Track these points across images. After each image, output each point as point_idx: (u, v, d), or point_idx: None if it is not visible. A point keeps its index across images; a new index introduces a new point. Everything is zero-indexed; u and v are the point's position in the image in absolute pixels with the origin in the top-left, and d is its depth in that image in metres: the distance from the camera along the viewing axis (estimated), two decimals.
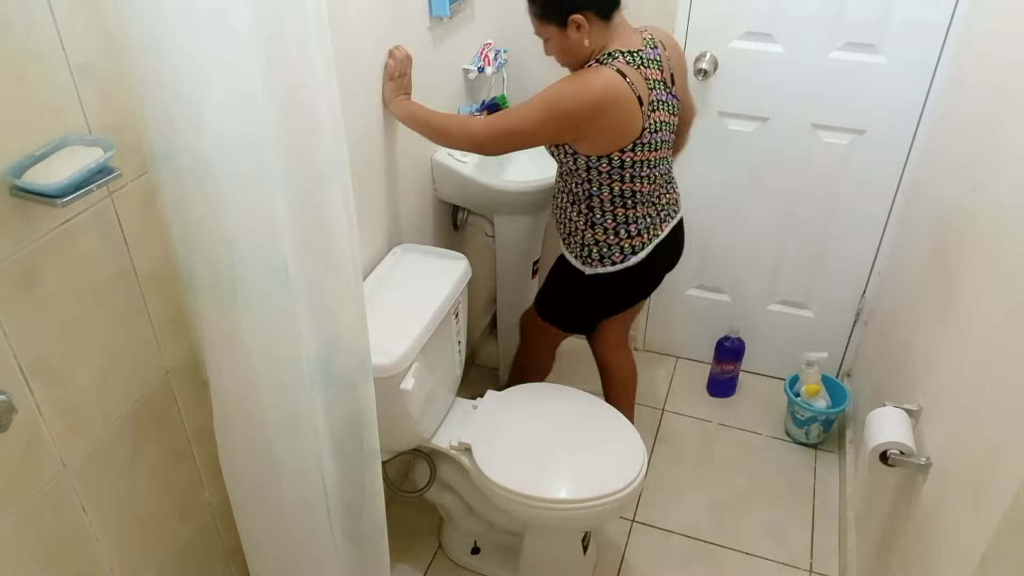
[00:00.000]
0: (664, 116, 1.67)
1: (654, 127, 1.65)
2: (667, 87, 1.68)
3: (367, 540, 1.43)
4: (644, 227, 1.78)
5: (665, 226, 1.83)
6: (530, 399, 1.90)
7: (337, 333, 1.18)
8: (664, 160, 1.75)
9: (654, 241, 1.81)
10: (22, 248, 0.95)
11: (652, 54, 1.65)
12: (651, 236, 1.81)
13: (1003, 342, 1.19)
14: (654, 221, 1.80)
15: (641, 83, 1.60)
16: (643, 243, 1.79)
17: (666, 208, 1.83)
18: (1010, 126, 1.38)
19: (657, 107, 1.64)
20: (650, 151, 1.67)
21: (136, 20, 0.87)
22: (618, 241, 1.77)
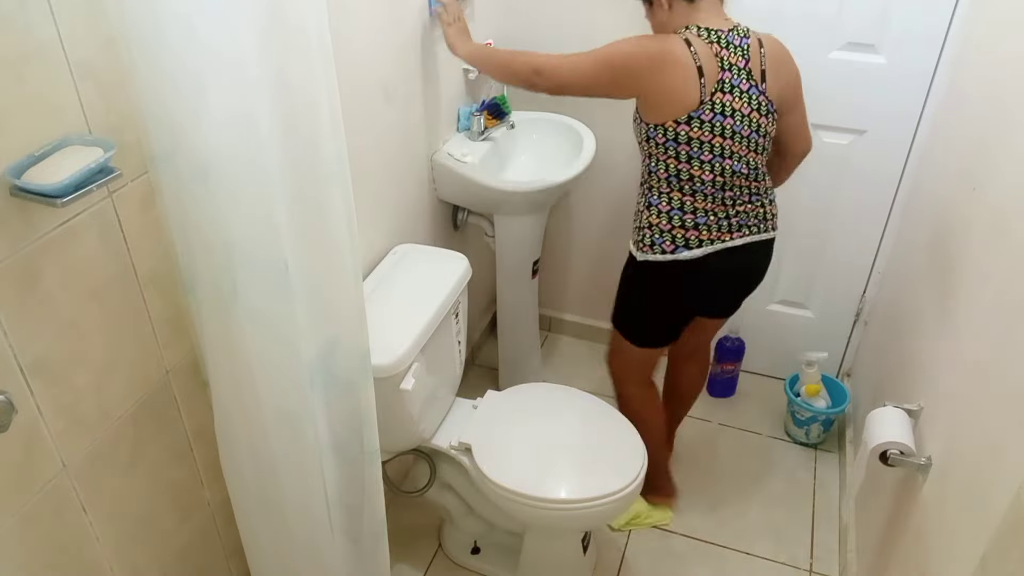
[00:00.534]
0: (739, 104, 1.60)
1: (720, 109, 1.59)
2: (751, 78, 1.61)
3: (367, 540, 1.43)
4: (704, 223, 1.68)
5: (737, 235, 1.71)
6: (530, 399, 1.90)
7: (337, 333, 1.18)
8: (741, 158, 1.64)
9: (716, 244, 1.70)
10: (22, 248, 0.95)
11: (736, 39, 1.61)
12: (712, 237, 1.69)
13: (1003, 342, 1.19)
14: (720, 222, 1.69)
15: (709, 57, 1.57)
16: (700, 240, 1.68)
17: (743, 216, 1.71)
18: (1010, 126, 1.38)
19: (728, 90, 1.59)
20: (713, 134, 1.60)
21: (135, 19, 0.87)
22: (670, 228, 1.69)
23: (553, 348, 2.78)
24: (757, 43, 1.64)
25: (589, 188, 2.45)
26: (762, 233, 1.77)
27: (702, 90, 1.58)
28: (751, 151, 1.66)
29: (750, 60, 1.62)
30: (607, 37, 2.20)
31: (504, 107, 2.15)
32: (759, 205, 1.75)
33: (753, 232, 1.75)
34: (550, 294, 2.75)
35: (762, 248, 1.80)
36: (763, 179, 1.74)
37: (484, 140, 2.11)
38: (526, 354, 2.46)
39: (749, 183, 1.70)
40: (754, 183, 1.72)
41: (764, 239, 1.78)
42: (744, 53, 1.61)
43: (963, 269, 1.48)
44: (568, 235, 2.61)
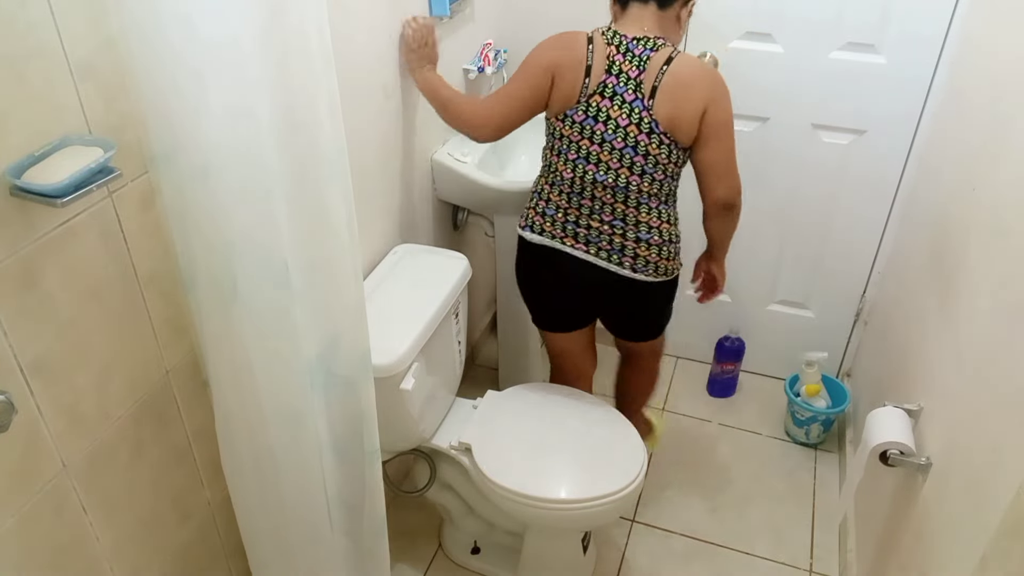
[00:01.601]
0: (616, 113, 1.56)
1: (595, 112, 1.57)
2: (639, 90, 1.55)
3: (367, 540, 1.43)
4: (551, 216, 1.69)
5: (580, 247, 1.68)
6: (530, 399, 1.90)
7: (337, 333, 1.18)
8: (609, 169, 1.59)
9: (555, 242, 1.70)
10: (22, 248, 0.95)
11: (637, 48, 1.56)
12: (555, 233, 1.70)
13: (1003, 342, 1.19)
14: (566, 224, 1.68)
15: (601, 58, 1.56)
16: (542, 229, 1.71)
17: (593, 233, 1.67)
18: (1010, 126, 1.38)
19: (609, 95, 1.56)
20: (582, 135, 1.59)
21: (136, 18, 0.87)
22: (530, 208, 1.75)
23: None
24: (663, 59, 1.55)
25: None
26: (612, 264, 1.69)
27: (583, 90, 1.58)
28: (623, 167, 1.59)
29: (644, 72, 1.55)
30: None
31: None
32: (619, 233, 1.66)
33: (601, 257, 1.69)
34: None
35: (620, 281, 1.71)
36: (639, 207, 1.64)
37: None
38: (526, 354, 2.46)
39: (614, 202, 1.63)
40: (621, 205, 1.63)
41: (618, 272, 1.69)
42: (641, 64, 1.55)
43: (963, 269, 1.48)
44: None
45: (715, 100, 1.55)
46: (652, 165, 1.59)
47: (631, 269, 1.69)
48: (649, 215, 1.66)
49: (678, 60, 1.55)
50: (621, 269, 1.70)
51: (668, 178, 1.64)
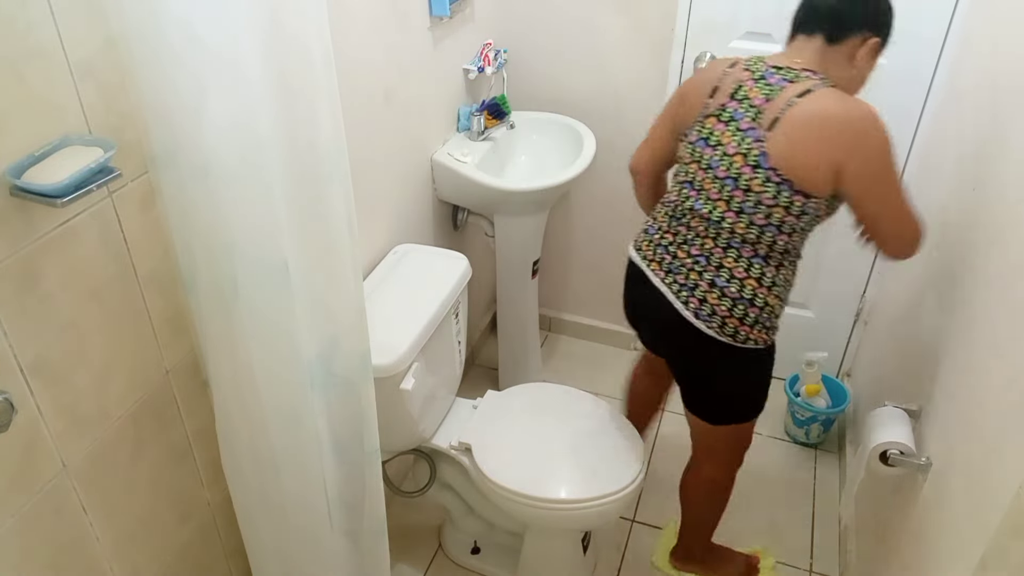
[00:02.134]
0: (727, 139, 1.41)
1: (707, 135, 1.45)
2: (757, 119, 1.37)
3: (367, 540, 1.43)
4: (651, 234, 1.58)
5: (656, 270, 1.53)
6: (530, 399, 1.90)
7: (337, 333, 1.18)
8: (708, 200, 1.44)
9: (641, 261, 1.58)
10: (22, 248, 0.95)
11: (773, 78, 1.39)
12: (644, 253, 1.58)
13: (1003, 342, 1.19)
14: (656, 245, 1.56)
15: (731, 83, 1.44)
16: (639, 246, 1.61)
17: (675, 263, 1.50)
18: (1010, 126, 1.38)
19: (726, 120, 1.42)
20: (692, 157, 1.48)
21: (135, 21, 0.87)
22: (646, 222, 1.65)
23: (553, 348, 2.78)
24: (797, 91, 1.35)
25: (589, 188, 2.45)
26: (678, 300, 1.48)
27: (703, 109, 1.47)
28: (721, 199, 1.42)
29: (770, 101, 1.37)
30: (607, 36, 2.21)
31: (504, 107, 2.15)
32: (697, 271, 1.47)
33: (672, 289, 1.49)
34: (550, 294, 2.75)
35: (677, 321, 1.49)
36: (727, 251, 1.44)
37: (484, 140, 2.11)
38: (526, 354, 2.46)
39: (705, 236, 1.46)
40: (711, 241, 1.45)
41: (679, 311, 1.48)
42: (771, 93, 1.38)
43: (963, 269, 1.48)
44: (568, 235, 2.61)
45: (848, 160, 1.31)
46: (752, 204, 1.38)
47: (694, 313, 1.47)
48: (736, 263, 1.44)
49: (816, 95, 1.33)
50: (684, 309, 1.47)
51: (771, 227, 1.40)
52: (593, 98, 2.28)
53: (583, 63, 2.25)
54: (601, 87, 2.27)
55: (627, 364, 2.67)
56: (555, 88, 2.31)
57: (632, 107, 2.27)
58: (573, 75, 2.28)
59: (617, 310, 2.69)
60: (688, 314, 1.47)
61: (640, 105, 2.26)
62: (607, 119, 2.28)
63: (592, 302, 2.74)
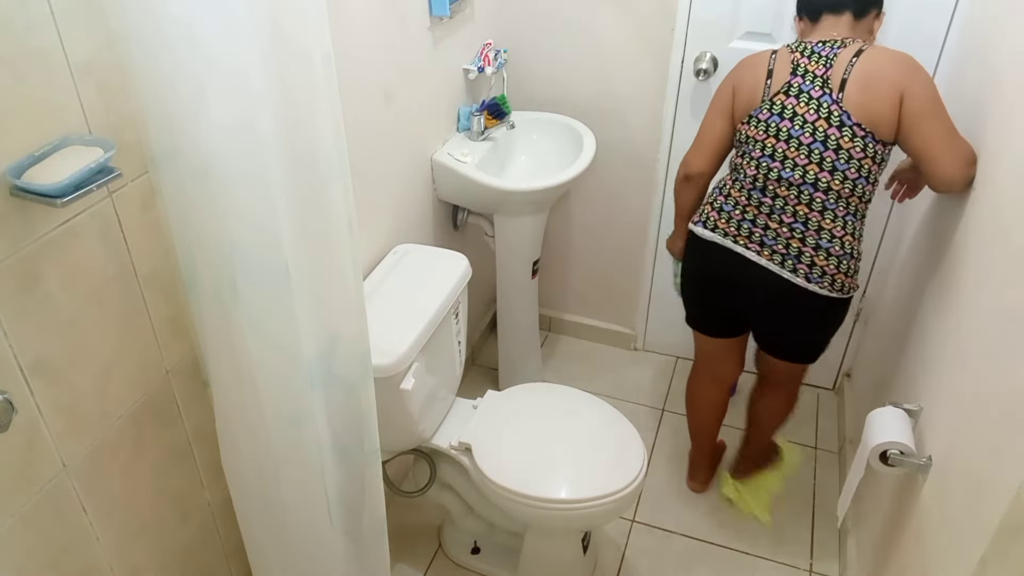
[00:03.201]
0: (802, 109, 1.55)
1: (779, 110, 1.57)
2: (826, 86, 1.54)
3: (367, 540, 1.43)
4: (727, 211, 1.65)
5: (753, 246, 1.62)
6: (530, 399, 1.90)
7: (337, 333, 1.18)
8: (796, 166, 1.56)
9: (724, 239, 1.65)
10: (22, 248, 0.95)
11: (824, 50, 1.57)
12: (724, 230, 1.66)
13: (1003, 342, 1.19)
14: (742, 221, 1.63)
15: (784, 62, 1.59)
16: (715, 225, 1.67)
17: (769, 234, 1.61)
18: (1010, 126, 1.38)
19: (795, 94, 1.57)
20: (767, 133, 1.59)
21: (135, 23, 0.87)
22: (707, 202, 1.74)
23: (553, 348, 2.78)
24: (851, 53, 1.54)
25: (589, 188, 2.45)
26: (785, 270, 1.61)
27: (766, 91, 1.60)
28: (811, 162, 1.55)
29: (831, 68, 1.54)
30: (607, 36, 2.21)
31: (504, 107, 2.15)
32: (798, 236, 1.59)
33: (775, 261, 1.61)
34: (550, 294, 2.75)
35: (789, 291, 1.62)
36: (824, 213, 1.57)
37: (484, 140, 2.11)
38: (526, 354, 2.46)
39: (797, 203, 1.58)
40: (804, 207, 1.58)
41: (791, 280, 1.61)
42: (827, 62, 1.55)
43: (963, 269, 1.48)
44: (568, 235, 2.62)
45: (911, 83, 1.50)
46: (844, 160, 1.54)
47: (805, 278, 1.60)
48: (833, 223, 1.58)
49: (869, 51, 1.54)
50: (795, 276, 1.60)
51: (862, 178, 1.56)
52: (593, 98, 2.29)
53: (583, 63, 2.25)
54: (601, 87, 2.27)
55: (627, 364, 2.68)
56: (555, 88, 2.31)
57: (632, 107, 2.27)
58: (573, 75, 2.28)
59: (617, 310, 2.70)
60: (799, 280, 1.61)
61: (640, 105, 2.26)
62: (607, 119, 2.28)
63: (592, 302, 2.74)
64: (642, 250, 2.54)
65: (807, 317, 1.71)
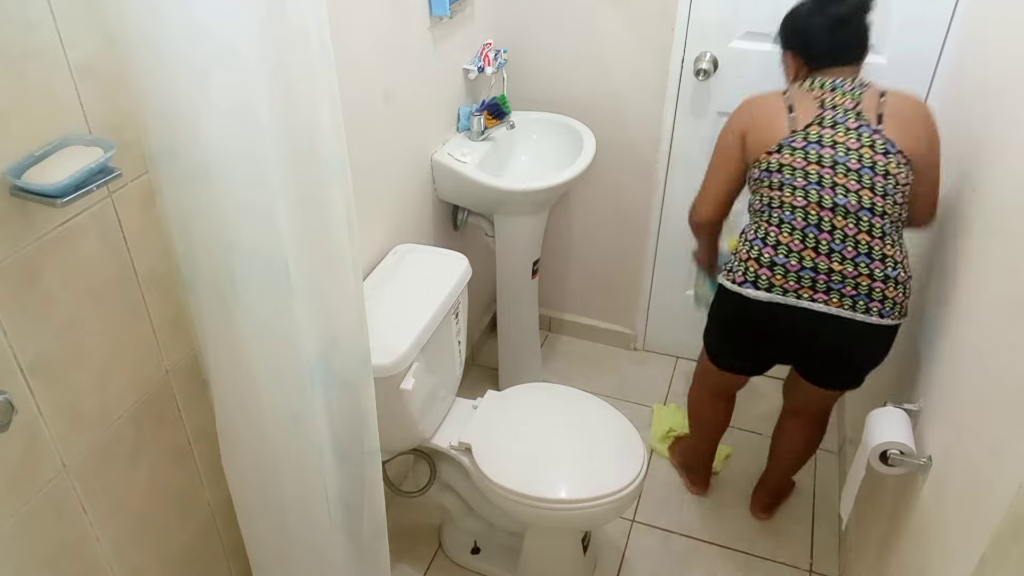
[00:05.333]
0: (842, 138, 1.52)
1: (816, 138, 1.53)
2: (860, 118, 1.54)
3: (367, 540, 1.43)
4: (780, 264, 1.54)
5: (812, 296, 1.52)
6: (530, 399, 1.90)
7: (337, 333, 1.18)
8: (849, 192, 1.50)
9: (785, 297, 1.54)
10: (22, 248, 0.95)
11: (846, 85, 1.57)
12: (779, 285, 1.54)
13: (1003, 341, 1.19)
14: (795, 272, 1.53)
15: (804, 98, 1.58)
16: (769, 284, 1.55)
17: (836, 278, 1.51)
18: (1011, 126, 1.38)
19: (829, 125, 1.54)
20: (807, 160, 1.53)
21: (135, 19, 0.87)
22: (743, 253, 1.61)
23: (553, 348, 2.78)
24: (877, 93, 1.56)
25: (589, 188, 2.45)
26: (859, 313, 1.52)
27: (792, 122, 1.57)
28: (863, 187, 1.50)
29: (861, 104, 1.55)
30: (607, 36, 2.21)
31: (504, 107, 2.15)
32: (865, 272, 1.51)
33: (845, 306, 1.52)
34: (550, 294, 2.75)
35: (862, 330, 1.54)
36: (884, 239, 1.51)
37: (484, 140, 2.11)
38: (526, 354, 2.46)
39: (857, 232, 1.50)
40: (866, 235, 1.50)
41: (865, 321, 1.53)
42: (855, 97, 1.55)
43: (963, 269, 1.48)
44: (568, 235, 2.62)
45: (935, 134, 1.57)
46: (893, 185, 1.51)
47: (879, 315, 1.53)
48: (894, 248, 1.53)
49: (893, 93, 1.57)
50: (868, 317, 1.53)
51: (907, 203, 1.56)
52: (593, 98, 2.29)
53: (583, 63, 2.25)
54: (601, 87, 2.27)
55: (627, 364, 2.69)
56: (555, 88, 2.31)
57: (632, 107, 2.27)
58: (573, 75, 2.28)
59: (617, 310, 2.70)
60: (874, 319, 1.54)
61: (640, 105, 2.26)
62: (607, 119, 2.28)
63: (592, 302, 2.74)
64: (642, 250, 2.53)
65: (875, 349, 1.64)
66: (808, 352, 1.70)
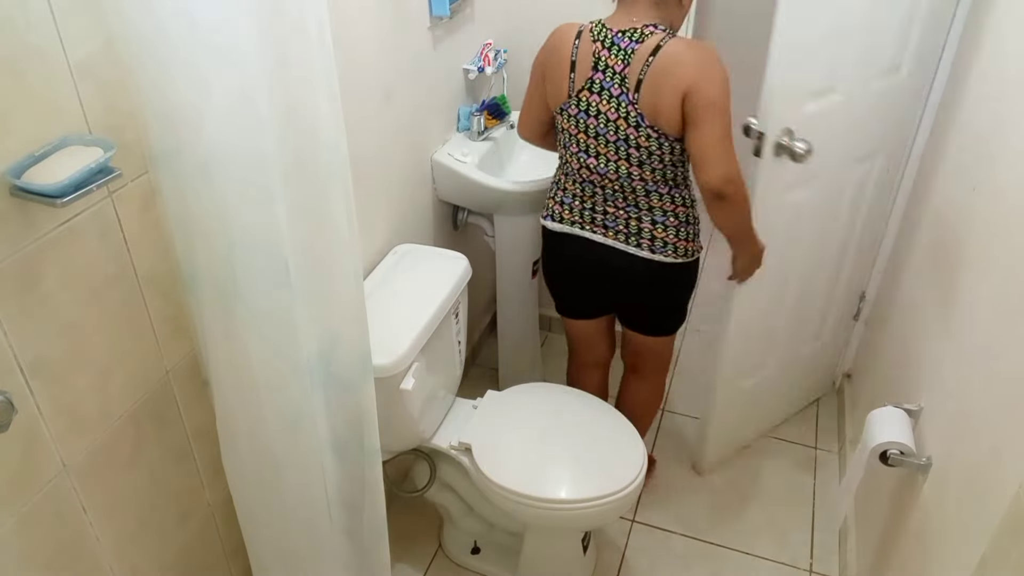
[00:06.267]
0: (605, 108, 1.56)
1: (586, 107, 1.58)
2: (623, 85, 1.52)
3: (367, 540, 1.43)
4: (569, 204, 1.74)
5: (600, 231, 1.72)
6: (530, 399, 1.90)
7: (337, 333, 1.18)
8: (609, 161, 1.61)
9: (575, 228, 1.75)
10: (22, 248, 0.95)
11: (623, 42, 1.52)
12: (575, 220, 1.74)
13: (1003, 342, 1.19)
14: (584, 211, 1.73)
15: (586, 54, 1.57)
16: (561, 217, 1.76)
17: (610, 218, 1.70)
18: (1011, 126, 1.38)
19: (597, 91, 1.56)
20: (577, 128, 1.62)
21: (136, 19, 0.87)
22: (550, 198, 1.80)
23: (553, 348, 2.78)
24: (649, 50, 1.49)
25: None
26: (631, 246, 1.70)
27: (570, 85, 1.61)
28: (620, 159, 1.60)
29: (629, 66, 1.51)
30: None
31: (504, 107, 2.15)
32: (635, 217, 1.68)
33: (619, 240, 1.71)
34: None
35: (638, 263, 1.71)
36: (650, 195, 1.64)
37: (484, 140, 2.11)
38: (526, 354, 2.46)
39: (623, 192, 1.66)
40: (630, 194, 1.66)
41: (636, 254, 1.70)
42: (626, 57, 1.52)
43: (963, 269, 1.48)
44: None
45: (698, 81, 1.45)
46: (647, 156, 1.58)
47: (649, 250, 1.69)
48: (661, 200, 1.65)
49: (667, 47, 1.48)
50: (639, 251, 1.70)
51: (670, 166, 1.60)
52: None
53: None
54: None
55: None
56: None
57: None
58: None
59: None
60: (645, 253, 1.69)
61: None
62: None
63: None
64: None
65: (659, 286, 1.77)
66: (608, 289, 1.85)
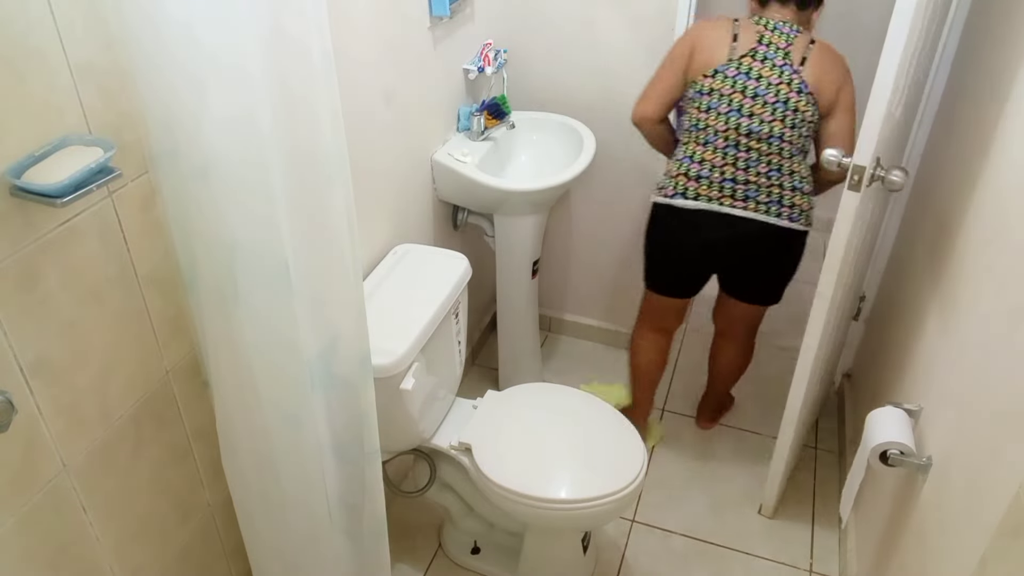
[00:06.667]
0: (768, 73, 1.77)
1: (747, 70, 1.78)
2: (788, 58, 1.77)
3: (367, 540, 1.43)
4: (705, 177, 1.83)
5: (732, 204, 1.83)
6: (530, 399, 1.90)
7: (337, 333, 1.18)
8: (763, 121, 1.78)
9: (709, 204, 1.83)
10: (22, 248, 0.95)
11: (785, 28, 1.79)
12: (708, 196, 1.83)
13: (1003, 342, 1.19)
14: (718, 183, 1.82)
15: (749, 31, 1.79)
16: (696, 193, 1.84)
17: (752, 188, 1.82)
18: (1011, 125, 1.38)
19: (761, 59, 1.77)
20: (734, 89, 1.78)
21: (136, 19, 0.87)
22: (674, 171, 1.88)
23: (553, 348, 2.78)
24: (807, 39, 1.79)
25: (589, 188, 2.45)
26: (771, 216, 1.83)
27: (732, 50, 1.79)
28: (776, 119, 1.78)
29: (792, 45, 1.78)
30: (607, 36, 2.21)
31: (504, 107, 2.15)
32: (776, 182, 1.82)
33: (760, 211, 1.83)
34: (550, 294, 2.75)
35: (771, 235, 1.85)
36: (792, 158, 1.82)
37: (484, 140, 2.11)
38: (526, 354, 2.46)
39: (769, 152, 1.80)
40: (776, 156, 1.80)
41: (776, 224, 1.83)
42: (788, 39, 1.78)
43: (963, 269, 1.48)
44: (568, 235, 2.62)
45: (848, 81, 1.80)
46: (800, 120, 1.78)
47: (788, 219, 1.83)
48: (800, 166, 1.83)
49: (820, 42, 1.80)
50: (779, 220, 1.83)
51: (807, 137, 1.83)
52: (593, 98, 2.28)
53: (583, 63, 2.25)
54: (601, 87, 2.27)
55: (627, 364, 2.68)
56: (555, 88, 2.30)
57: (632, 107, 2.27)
58: (573, 75, 2.28)
59: (617, 310, 2.70)
60: (784, 223, 1.83)
61: None
62: (607, 119, 2.28)
63: (592, 302, 2.74)
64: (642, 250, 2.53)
65: (782, 256, 1.92)
66: (729, 264, 1.97)
